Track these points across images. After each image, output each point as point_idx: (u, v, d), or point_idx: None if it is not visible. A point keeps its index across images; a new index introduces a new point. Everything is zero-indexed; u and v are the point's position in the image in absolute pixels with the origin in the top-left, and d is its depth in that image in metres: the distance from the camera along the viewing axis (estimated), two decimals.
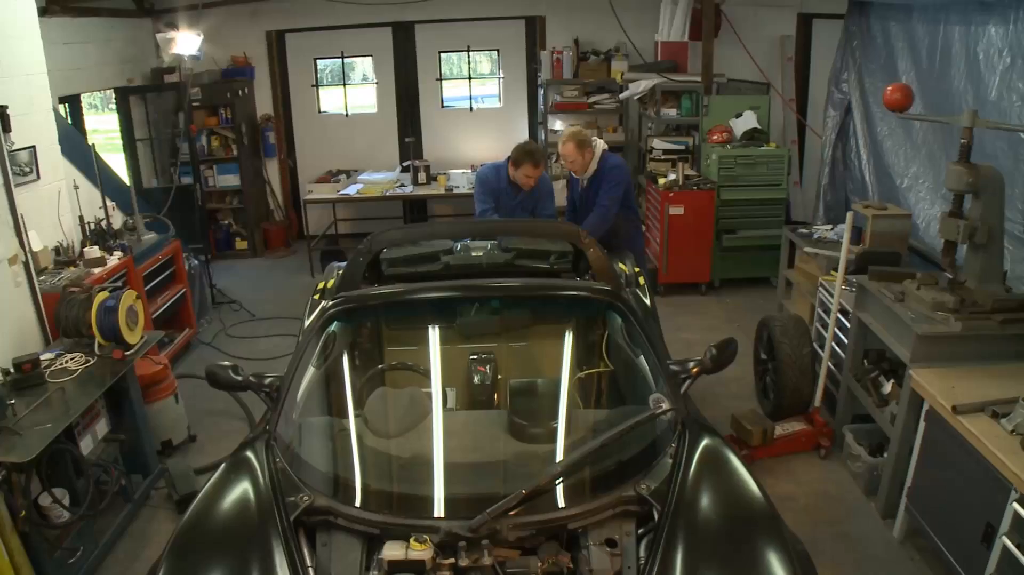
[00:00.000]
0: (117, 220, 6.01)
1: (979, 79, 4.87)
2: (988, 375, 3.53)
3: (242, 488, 2.49)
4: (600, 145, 5.16)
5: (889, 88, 4.12)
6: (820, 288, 5.21)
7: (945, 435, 3.40)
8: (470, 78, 9.66)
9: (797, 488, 4.41)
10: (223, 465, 2.65)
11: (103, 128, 12.58)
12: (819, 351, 4.90)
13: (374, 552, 2.31)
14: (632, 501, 2.46)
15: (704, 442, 2.68)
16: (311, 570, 2.30)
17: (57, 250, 5.12)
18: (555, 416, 2.93)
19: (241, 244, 9.43)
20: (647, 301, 4.18)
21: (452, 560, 2.25)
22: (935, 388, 3.47)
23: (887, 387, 4.24)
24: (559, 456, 2.73)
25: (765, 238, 7.22)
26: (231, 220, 9.46)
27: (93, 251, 5.16)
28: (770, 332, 4.93)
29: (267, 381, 3.06)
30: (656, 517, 2.39)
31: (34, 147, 4.93)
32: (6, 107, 4.45)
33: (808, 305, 5.79)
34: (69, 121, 7.32)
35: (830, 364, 4.85)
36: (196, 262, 6.95)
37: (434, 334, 3.43)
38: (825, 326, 4.91)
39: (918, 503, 3.69)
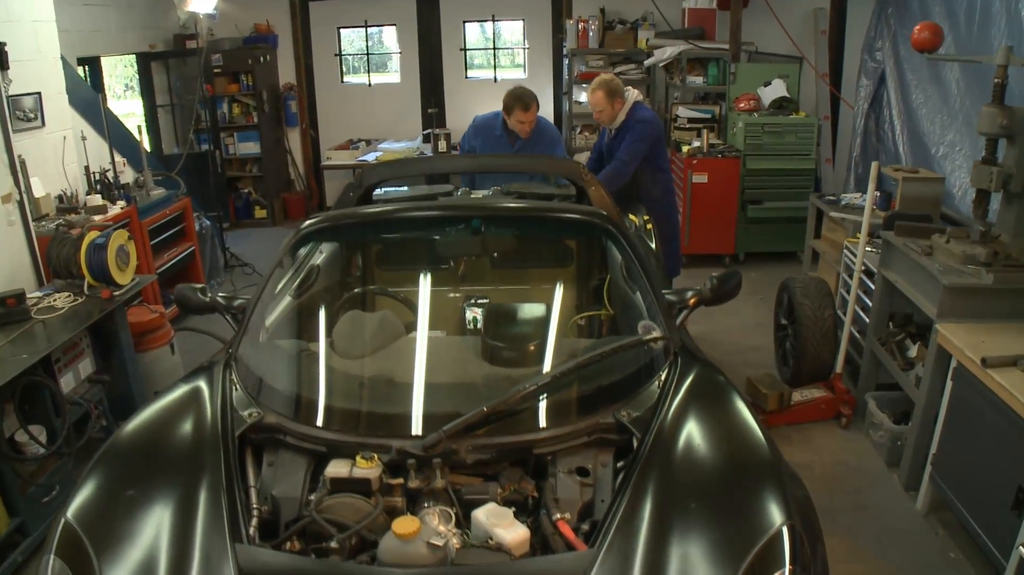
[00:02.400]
0: (128, 177, 5.95)
1: (1021, 38, 4.58)
2: (1021, 332, 3.26)
3: (190, 403, 2.32)
4: (632, 95, 4.84)
5: (917, 27, 3.86)
6: (844, 251, 4.95)
7: (974, 393, 3.14)
8: (495, 48, 9.47)
9: (814, 457, 4.16)
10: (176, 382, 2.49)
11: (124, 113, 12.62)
12: (842, 317, 4.65)
13: (321, 473, 2.13)
14: (610, 429, 2.22)
15: (698, 371, 2.45)
16: (252, 489, 2.11)
17: (60, 198, 5.04)
18: (534, 341, 2.70)
19: (260, 212, 9.33)
20: (652, 246, 3.95)
21: (401, 481, 2.06)
22: (963, 342, 3.22)
23: (913, 350, 3.99)
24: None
25: (792, 210, 6.92)
26: (251, 188, 9.38)
27: (95, 199, 5.06)
28: (790, 294, 4.67)
29: (235, 303, 2.90)
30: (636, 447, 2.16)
31: (39, 94, 4.89)
32: (4, 44, 4.37)
33: (834, 275, 5.52)
34: (88, 82, 7.29)
35: (853, 330, 4.60)
36: (208, 222, 6.85)
37: (416, 259, 3.24)
38: (849, 290, 4.65)
39: (943, 471, 3.43)
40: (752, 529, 1.81)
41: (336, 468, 2.07)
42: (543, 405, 2.30)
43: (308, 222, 3.09)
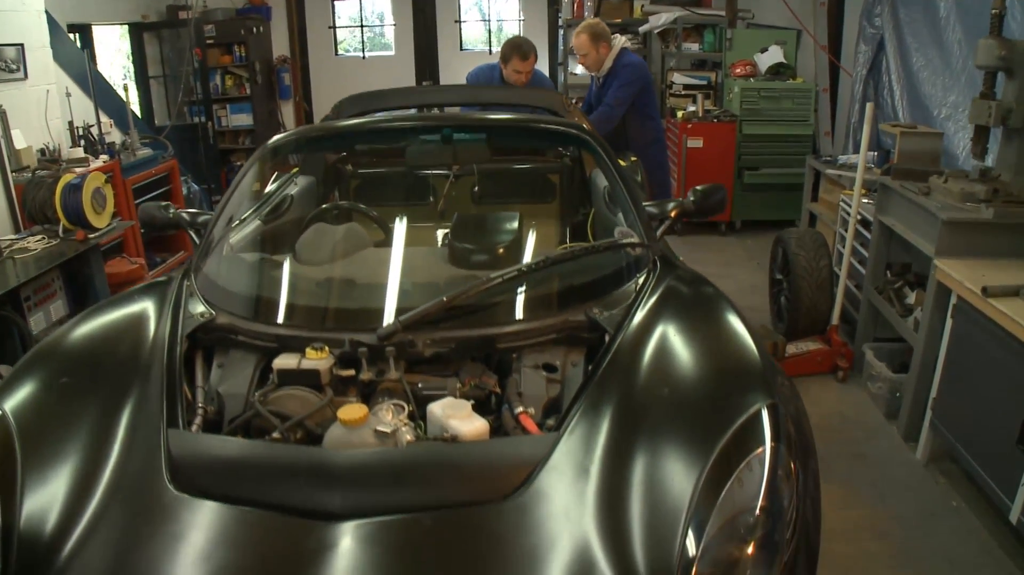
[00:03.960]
0: (115, 139, 5.86)
1: None
2: (1022, 268, 3.15)
3: (141, 304, 2.20)
4: (619, 41, 4.75)
5: None
6: (840, 204, 4.84)
7: (975, 328, 3.04)
8: (489, 20, 9.37)
9: (810, 409, 3.90)
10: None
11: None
12: (837, 273, 4.54)
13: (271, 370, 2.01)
14: (581, 327, 2.08)
15: (682, 276, 2.32)
16: (199, 390, 2.00)
17: (43, 151, 4.95)
18: (503, 245, 2.55)
19: None
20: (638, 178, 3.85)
21: (352, 372, 1.95)
22: (963, 276, 3.11)
23: (911, 297, 3.88)
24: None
25: (790, 176, 6.81)
26: (243, 161, 9.22)
27: (76, 151, 4.96)
28: (785, 247, 4.57)
29: (200, 219, 2.78)
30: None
31: (22, 45, 4.83)
32: None
33: (831, 234, 5.41)
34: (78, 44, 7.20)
35: (849, 284, 4.49)
36: (196, 187, 6.75)
37: (392, 189, 3.13)
38: (845, 244, 4.54)
39: (944, 415, 3.32)
40: (730, 409, 1.67)
41: (285, 360, 1.96)
42: (509, 299, 2.16)
43: (276, 137, 2.98)
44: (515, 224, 2.68)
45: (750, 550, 1.45)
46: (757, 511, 1.48)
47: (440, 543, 1.54)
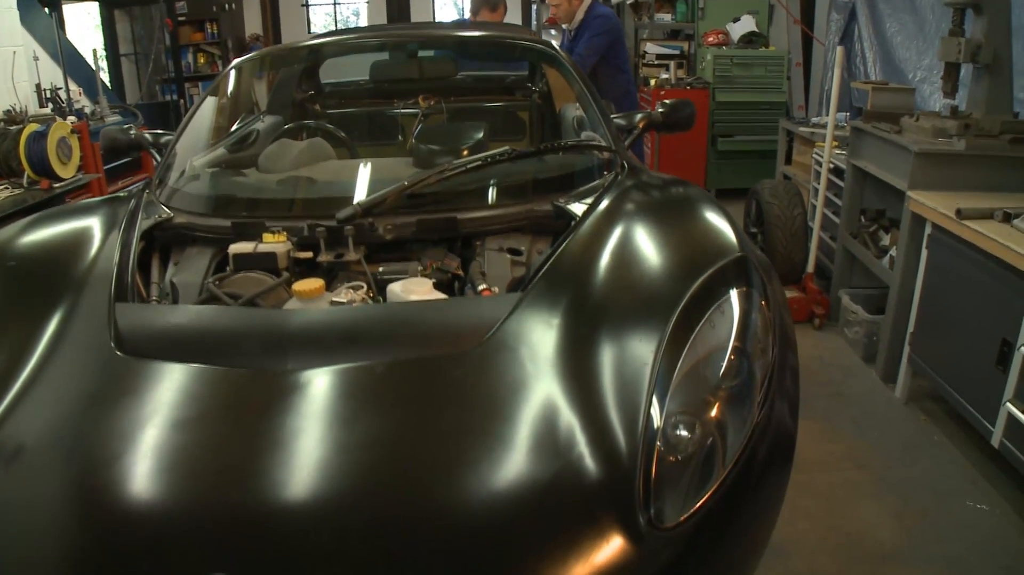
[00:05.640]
0: (85, 106, 5.76)
1: None
2: (996, 200, 3.15)
3: (99, 207, 2.15)
4: None
5: None
6: (813, 157, 4.86)
7: (950, 255, 3.06)
8: None
9: None
10: None
11: None
12: (810, 226, 4.56)
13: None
14: (547, 217, 2.05)
15: (652, 175, 2.30)
16: (154, 285, 1.95)
17: (9, 112, 4.84)
18: (468, 147, 2.50)
19: None
20: None
21: (310, 254, 1.91)
22: (936, 203, 3.13)
23: (886, 239, 3.90)
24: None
25: (763, 143, 6.84)
26: None
27: (43, 112, 4.86)
28: (758, 198, 4.58)
29: (162, 139, 2.73)
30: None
31: None
32: None
33: (806, 193, 5.44)
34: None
35: (824, 236, 4.52)
36: None
37: (354, 112, 3.08)
38: (819, 193, 4.56)
39: (922, 349, 3.33)
40: (701, 261, 1.63)
41: (241, 246, 1.92)
42: (474, 188, 2.13)
43: (242, 58, 2.95)
44: (481, 132, 2.65)
45: (722, 390, 1.41)
46: (729, 351, 1.45)
47: (396, 388, 1.49)
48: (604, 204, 2.01)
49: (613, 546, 1.21)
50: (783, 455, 1.46)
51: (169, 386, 1.48)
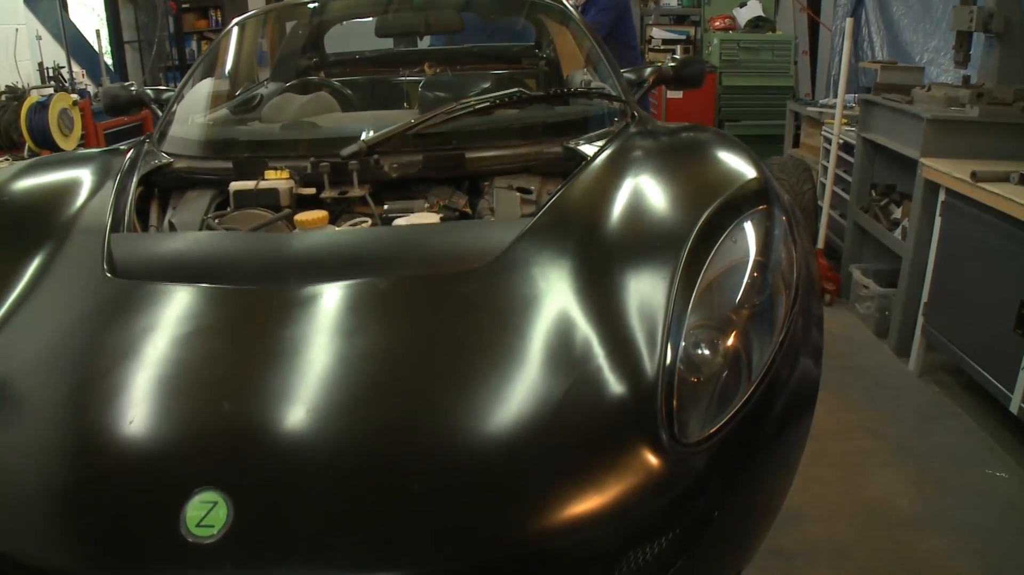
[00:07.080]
0: (88, 87, 5.72)
1: None
2: (1010, 167, 3.11)
3: (97, 157, 2.09)
4: None
5: None
6: (822, 134, 4.81)
7: (965, 220, 3.00)
8: None
9: None
10: None
11: None
12: (819, 204, 4.52)
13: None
14: (557, 159, 1.99)
15: (663, 123, 2.28)
16: (152, 228, 1.91)
17: (11, 89, 4.81)
18: (475, 94, 2.40)
19: None
20: None
21: (313, 190, 1.86)
22: (950, 169, 3.07)
23: (897, 212, 3.84)
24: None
25: (770, 127, 6.78)
26: None
27: (45, 89, 4.82)
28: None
29: (165, 95, 2.68)
30: None
31: None
32: None
33: (815, 173, 5.40)
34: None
35: (833, 213, 4.46)
36: None
37: (359, 80, 3.04)
38: (828, 168, 4.51)
39: (936, 319, 3.27)
40: (722, 182, 1.59)
41: (242, 183, 1.87)
42: (482, 128, 2.07)
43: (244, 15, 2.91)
44: (488, 83, 2.61)
45: (745, 309, 1.37)
46: (751, 267, 1.40)
47: (402, 303, 1.43)
48: (618, 143, 1.97)
49: (635, 461, 1.16)
50: (809, 378, 1.41)
51: (163, 305, 1.44)
